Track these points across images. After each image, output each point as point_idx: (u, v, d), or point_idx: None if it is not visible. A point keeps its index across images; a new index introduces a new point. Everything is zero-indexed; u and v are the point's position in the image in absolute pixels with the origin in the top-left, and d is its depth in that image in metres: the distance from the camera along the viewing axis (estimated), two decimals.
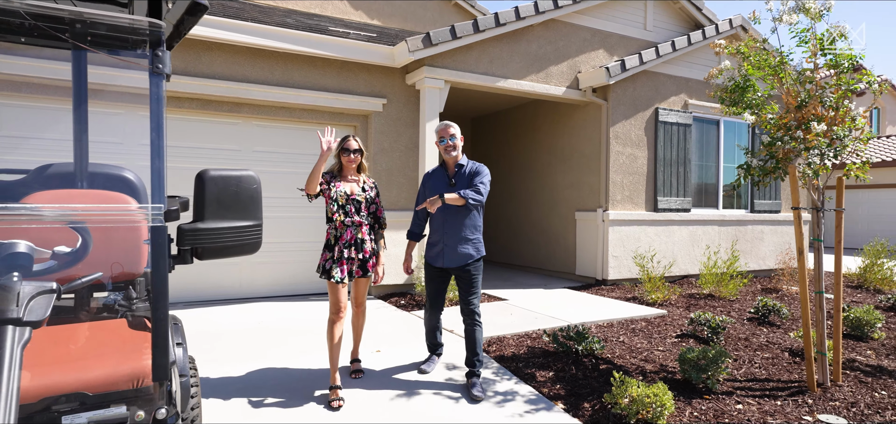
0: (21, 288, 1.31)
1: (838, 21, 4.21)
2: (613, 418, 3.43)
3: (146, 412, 1.40)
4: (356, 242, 3.60)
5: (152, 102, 1.10)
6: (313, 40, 6.27)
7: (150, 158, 1.10)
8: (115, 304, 2.09)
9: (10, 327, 1.26)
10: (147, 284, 2.24)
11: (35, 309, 1.31)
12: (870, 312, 5.58)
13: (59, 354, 1.74)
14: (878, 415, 3.64)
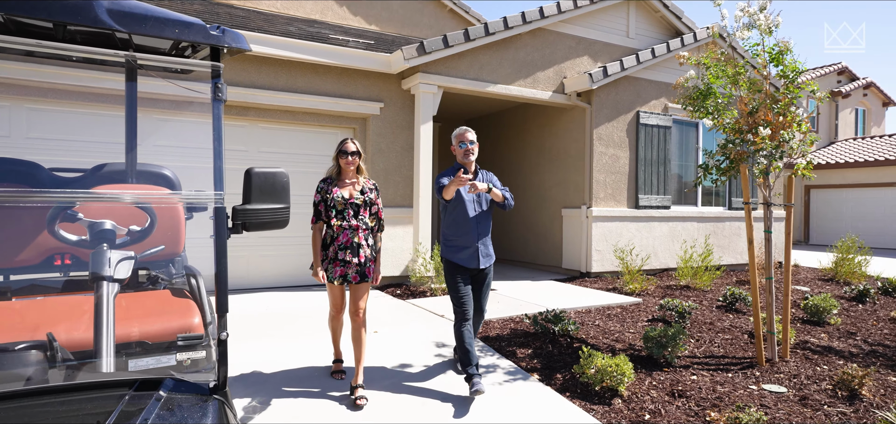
0: (110, 255, 1.79)
1: (785, 36, 4.71)
2: (581, 386, 3.92)
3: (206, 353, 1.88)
4: (352, 245, 3.50)
5: (214, 119, 1.58)
6: (315, 49, 6.75)
7: (213, 159, 1.57)
8: (159, 278, 2.58)
9: (104, 282, 1.74)
10: (183, 262, 2.72)
11: (121, 270, 1.80)
12: (827, 299, 6.09)
13: (121, 314, 2.22)
14: (814, 385, 4.15)
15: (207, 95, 1.64)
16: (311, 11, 10.85)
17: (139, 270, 2.66)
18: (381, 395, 3.63)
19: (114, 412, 1.32)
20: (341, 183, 3.59)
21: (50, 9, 1.35)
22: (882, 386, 4.16)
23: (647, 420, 3.52)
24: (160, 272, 2.62)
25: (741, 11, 4.71)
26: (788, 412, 3.68)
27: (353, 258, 3.50)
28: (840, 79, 21.33)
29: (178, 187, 2.83)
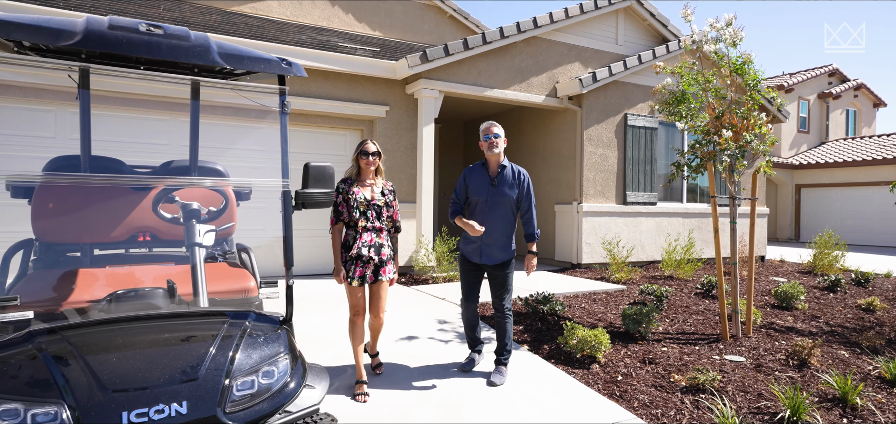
0: (198, 227, 2.39)
1: (748, 50, 5.30)
2: (564, 354, 4.52)
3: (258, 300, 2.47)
4: (375, 245, 3.53)
5: (282, 127, 2.17)
6: (326, 57, 7.35)
7: (281, 156, 2.16)
8: (216, 253, 3.18)
9: (196, 248, 2.34)
10: (235, 241, 3.32)
11: (206, 240, 2.40)
12: (794, 287, 6.68)
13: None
14: (770, 356, 4.74)
15: (276, 107, 2.24)
16: (319, 19, 11.43)
17: None
18: (393, 361, 4.23)
19: (221, 329, 1.92)
20: (361, 184, 3.56)
21: (185, 52, 1.93)
22: (831, 358, 4.75)
23: (620, 380, 4.12)
24: (216, 249, 3.21)
25: (710, 26, 5.32)
26: (743, 376, 4.27)
27: (376, 257, 3.52)
28: (831, 80, 21.91)
29: (227, 175, 3.43)
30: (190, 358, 1.81)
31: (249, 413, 1.82)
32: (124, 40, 1.84)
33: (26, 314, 1.92)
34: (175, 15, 7.90)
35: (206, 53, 1.96)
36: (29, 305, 2.03)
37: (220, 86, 2.75)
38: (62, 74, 2.64)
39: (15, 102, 6.08)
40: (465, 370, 4.05)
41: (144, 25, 1.90)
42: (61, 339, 1.79)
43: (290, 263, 2.18)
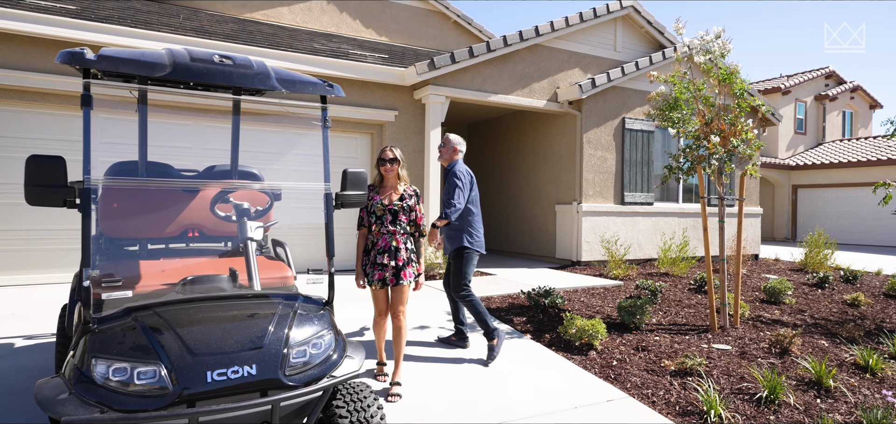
0: (249, 223, 2.78)
1: (739, 58, 5.68)
2: (564, 342, 4.91)
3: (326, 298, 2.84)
4: (390, 249, 3.64)
5: (324, 138, 2.56)
6: (339, 65, 7.74)
7: (323, 162, 2.55)
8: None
9: (250, 241, 2.74)
10: (270, 238, 3.71)
11: (256, 234, 2.79)
12: (782, 283, 7.07)
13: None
14: (755, 345, 5.13)
15: (318, 122, 2.64)
16: (327, 25, 11.83)
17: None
18: (411, 346, 4.62)
19: (277, 308, 2.32)
20: (382, 190, 3.72)
21: (250, 79, 2.32)
22: (812, 347, 5.14)
23: (615, 365, 4.51)
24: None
25: (700, 40, 5.71)
26: (728, 362, 4.66)
27: (390, 261, 3.62)
28: (828, 82, 22.28)
29: (262, 178, 3.83)
30: (255, 331, 2.20)
31: (303, 376, 2.22)
32: (204, 70, 2.22)
33: (126, 293, 2.30)
34: (194, 24, 8.29)
35: (267, 79, 2.35)
36: (123, 286, 2.42)
37: (268, 102, 3.14)
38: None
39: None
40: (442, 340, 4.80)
41: (217, 57, 2.28)
42: (153, 314, 2.18)
43: (331, 253, 2.57)
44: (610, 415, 3.62)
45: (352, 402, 2.39)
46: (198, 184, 3.17)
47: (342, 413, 2.35)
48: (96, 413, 1.88)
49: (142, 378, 1.99)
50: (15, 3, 6.45)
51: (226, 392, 2.04)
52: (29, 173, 2.07)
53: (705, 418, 3.64)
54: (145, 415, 1.90)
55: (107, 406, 1.91)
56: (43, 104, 6.54)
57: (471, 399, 3.72)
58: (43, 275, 6.66)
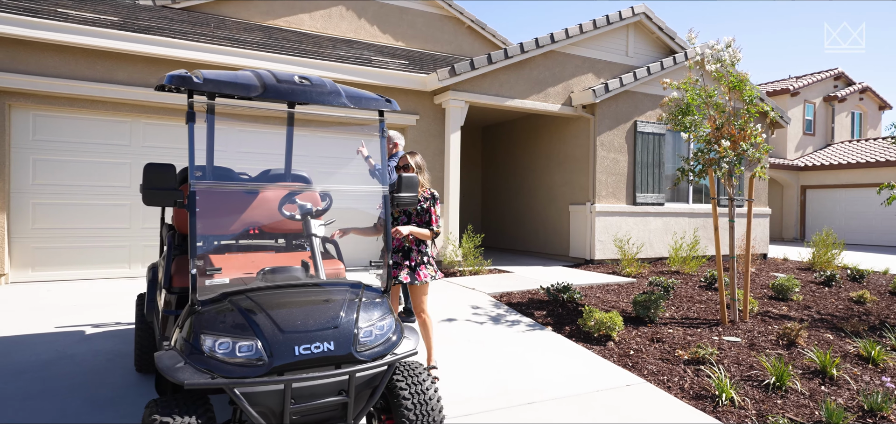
0: (312, 222, 3.15)
1: (748, 60, 5.99)
2: (583, 333, 5.26)
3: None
4: (403, 249, 3.86)
5: (381, 146, 2.93)
6: (365, 72, 8.12)
7: (381, 167, 2.91)
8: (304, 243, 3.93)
9: (313, 237, 3.10)
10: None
11: (319, 231, 3.16)
12: (790, 280, 7.36)
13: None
14: (763, 337, 5.44)
15: (376, 131, 3.01)
16: (346, 31, 12.22)
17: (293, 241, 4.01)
18: (443, 335, 4.98)
19: (346, 295, 2.68)
20: None
21: (325, 97, 2.69)
22: (817, 340, 5.45)
23: (632, 354, 4.85)
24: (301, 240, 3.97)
25: (711, 49, 6.03)
26: (738, 353, 4.98)
27: (404, 261, 3.84)
28: (837, 84, 22.43)
29: (311, 182, 4.20)
30: (330, 313, 2.55)
31: (370, 353, 2.57)
32: (288, 90, 2.58)
33: (224, 280, 2.66)
34: (224, 32, 8.69)
35: (338, 96, 2.72)
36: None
37: (324, 113, 3.52)
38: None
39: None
40: None
41: (298, 78, 2.65)
42: (246, 298, 2.54)
43: (388, 248, 2.93)
44: (629, 398, 3.96)
45: (410, 378, 2.75)
46: (278, 187, 3.54)
47: (401, 386, 2.71)
48: (208, 379, 2.25)
49: (242, 350, 2.35)
50: (64, 17, 6.87)
51: (309, 365, 2.40)
52: (146, 178, 2.44)
53: (717, 401, 3.97)
54: (249, 381, 2.26)
55: (215, 374, 2.28)
56: (91, 110, 6.96)
57: (501, 381, 4.08)
58: (92, 270, 7.08)
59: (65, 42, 6.51)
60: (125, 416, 3.26)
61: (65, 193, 6.90)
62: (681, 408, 3.83)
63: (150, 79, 7.09)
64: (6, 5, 6.56)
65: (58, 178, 6.87)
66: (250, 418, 2.26)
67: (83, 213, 7.00)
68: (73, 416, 3.22)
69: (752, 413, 3.84)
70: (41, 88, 6.52)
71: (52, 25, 6.42)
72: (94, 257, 7.07)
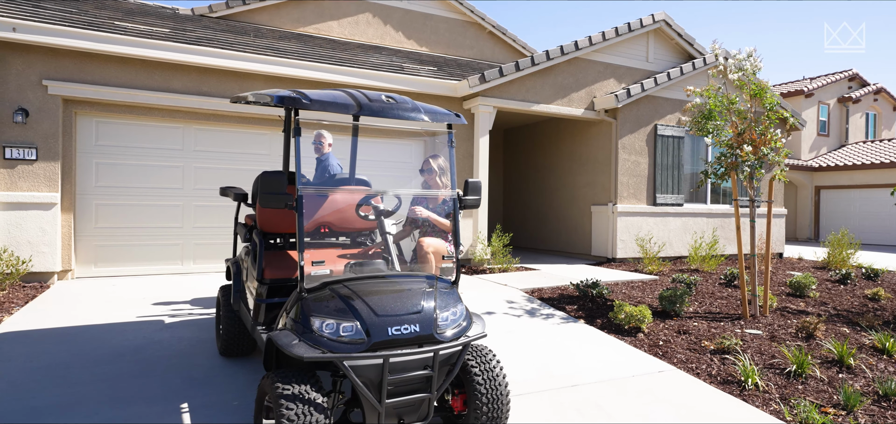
0: (386, 222, 3.58)
1: (766, 78, 6.35)
2: (614, 326, 5.65)
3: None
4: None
5: (450, 155, 3.35)
6: (399, 78, 8.56)
7: (451, 174, 3.34)
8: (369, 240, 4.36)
9: (387, 235, 3.54)
10: None
11: (392, 230, 3.59)
12: (807, 278, 7.69)
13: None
14: (783, 330, 5.81)
15: (446, 141, 3.43)
16: (372, 37, 12.65)
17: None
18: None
19: (423, 284, 3.10)
20: None
21: (407, 112, 3.11)
22: (834, 333, 5.80)
23: (661, 344, 5.24)
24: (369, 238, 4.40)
25: (732, 59, 6.40)
26: (760, 344, 5.35)
27: None
28: (851, 85, 22.55)
29: (371, 186, 4.64)
30: (414, 300, 2.97)
31: (448, 335, 2.99)
32: (379, 109, 3.01)
33: (325, 271, 3.09)
34: (263, 42, 9.16)
35: (418, 112, 3.14)
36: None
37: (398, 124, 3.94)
38: None
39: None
40: None
41: (385, 97, 3.07)
42: (343, 286, 2.96)
43: (457, 243, 3.35)
44: (663, 382, 4.35)
45: (480, 357, 3.16)
46: (367, 192, 3.95)
47: (472, 365, 3.13)
48: (319, 353, 2.68)
49: (345, 330, 2.78)
50: (124, 31, 7.37)
51: (399, 344, 2.83)
52: (263, 184, 2.87)
53: (743, 386, 4.36)
54: (354, 356, 2.69)
55: (324, 350, 2.70)
56: (148, 117, 7.46)
57: (545, 367, 4.49)
58: (148, 266, 7.58)
59: (127, 54, 7.00)
60: (221, 392, 3.71)
61: (123, 194, 7.41)
62: (710, 392, 4.22)
63: (202, 87, 7.58)
64: (73, 22, 7.06)
65: (117, 180, 7.37)
66: (356, 387, 2.69)
67: (140, 213, 7.49)
68: (176, 391, 3.68)
69: (776, 396, 4.21)
70: (104, 96, 7.02)
71: (117, 39, 6.91)
72: (150, 254, 7.57)
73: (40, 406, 3.37)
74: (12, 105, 6.58)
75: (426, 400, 2.90)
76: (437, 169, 4.35)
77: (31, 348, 4.34)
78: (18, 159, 6.59)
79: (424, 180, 4.44)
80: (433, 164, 4.38)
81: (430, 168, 4.36)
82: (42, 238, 6.65)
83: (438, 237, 4.18)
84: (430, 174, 4.34)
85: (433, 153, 4.61)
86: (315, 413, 2.59)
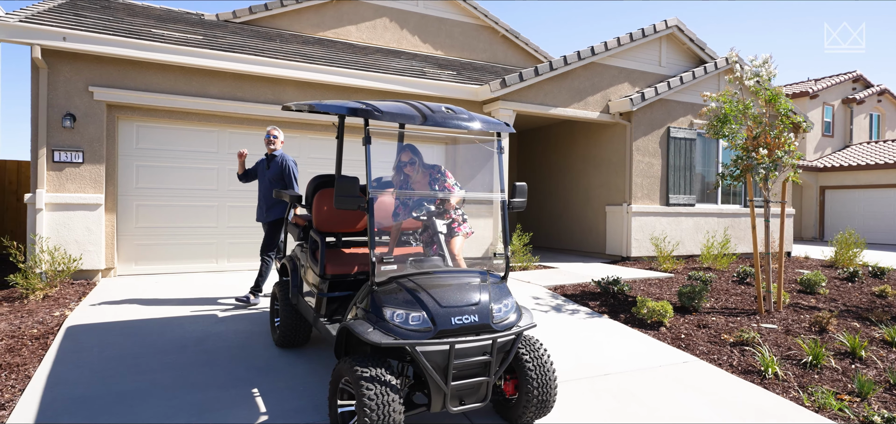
0: (438, 222, 3.89)
1: (780, 84, 6.65)
2: (637, 320, 5.96)
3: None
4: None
5: (499, 162, 3.65)
6: (421, 83, 8.86)
7: (499, 178, 3.63)
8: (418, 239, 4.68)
9: (440, 234, 3.84)
10: None
11: (443, 229, 3.90)
12: (817, 275, 7.99)
13: None
14: (797, 325, 6.11)
15: (494, 148, 3.74)
16: (390, 41, 12.96)
17: None
18: None
19: (477, 279, 3.41)
20: None
21: (464, 122, 3.42)
22: (845, 327, 6.10)
23: (683, 338, 5.55)
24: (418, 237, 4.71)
25: (748, 66, 6.70)
26: (776, 337, 5.66)
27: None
28: (855, 86, 22.82)
29: None
30: (471, 293, 3.28)
31: (502, 325, 3.29)
32: (441, 119, 3.32)
33: (393, 266, 3.40)
34: (290, 47, 9.48)
35: (473, 121, 3.46)
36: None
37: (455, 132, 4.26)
38: None
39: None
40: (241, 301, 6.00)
41: (445, 108, 3.39)
42: (408, 280, 3.27)
43: (506, 242, 3.66)
44: (688, 371, 4.66)
45: (530, 347, 3.47)
46: (423, 195, 4.24)
47: (523, 352, 3.44)
48: (392, 340, 2.99)
49: (414, 320, 3.09)
50: (162, 38, 7.69)
51: (460, 332, 3.13)
52: (339, 187, 3.18)
53: (763, 375, 4.66)
54: (423, 342, 2.99)
55: (396, 337, 3.01)
56: (185, 121, 7.78)
57: (577, 357, 4.80)
58: (185, 265, 7.90)
59: (167, 61, 7.32)
60: (285, 379, 4.03)
61: (162, 195, 7.73)
62: (733, 380, 4.53)
63: (237, 92, 7.90)
64: (114, 30, 7.38)
65: (156, 182, 7.70)
66: (425, 370, 3.00)
67: (177, 213, 7.82)
68: (243, 378, 4.00)
69: (795, 385, 4.52)
70: (145, 101, 7.35)
71: (158, 47, 7.23)
72: (187, 253, 7.90)
73: (124, 391, 3.69)
74: (61, 111, 6.91)
75: (485, 383, 3.21)
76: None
77: (100, 339, 4.66)
78: (66, 162, 6.92)
79: (405, 177, 4.39)
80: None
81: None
82: (88, 237, 6.98)
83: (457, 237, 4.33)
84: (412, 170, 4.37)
85: (407, 150, 4.54)
86: (390, 392, 2.89)
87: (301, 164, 8.59)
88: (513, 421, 3.48)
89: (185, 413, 3.40)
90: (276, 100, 8.09)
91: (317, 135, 8.68)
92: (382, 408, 2.83)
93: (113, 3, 10.21)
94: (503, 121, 9.26)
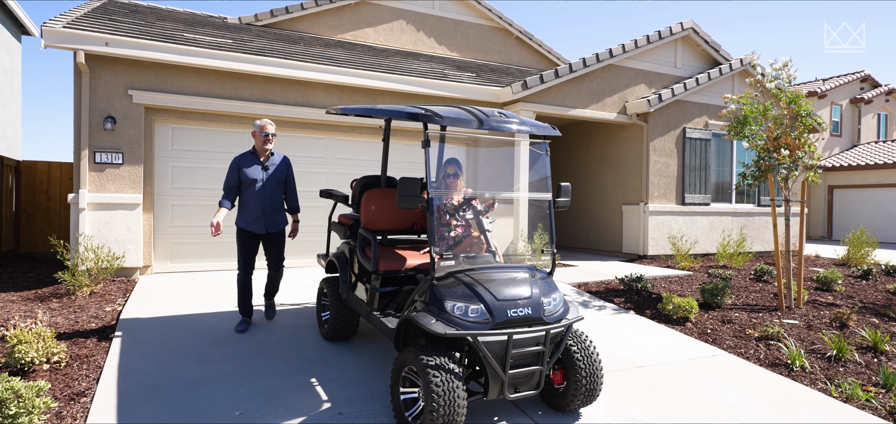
0: (484, 221, 4.10)
1: (800, 85, 6.84)
2: (663, 316, 6.16)
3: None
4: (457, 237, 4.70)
5: (546, 163, 3.87)
6: (442, 85, 9.07)
7: (547, 180, 3.85)
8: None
9: (486, 233, 4.06)
10: None
11: (490, 227, 4.11)
12: (833, 273, 8.17)
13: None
14: (817, 320, 6.30)
15: (543, 151, 3.95)
16: (406, 43, 13.16)
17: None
18: None
19: (527, 273, 3.62)
20: (453, 194, 4.51)
21: (512, 128, 3.63)
22: (865, 322, 6.28)
23: (709, 332, 5.75)
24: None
25: (769, 68, 6.89)
26: (798, 332, 5.85)
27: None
28: (863, 86, 22.93)
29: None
30: (524, 287, 3.49)
31: (552, 317, 3.50)
32: (495, 124, 3.53)
33: (451, 262, 3.61)
34: (315, 50, 9.70)
35: (523, 124, 3.67)
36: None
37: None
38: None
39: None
40: (239, 330, 4.98)
41: (498, 113, 3.60)
42: (465, 275, 3.48)
43: (553, 240, 3.87)
44: (718, 364, 4.86)
45: (577, 339, 3.68)
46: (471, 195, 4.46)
47: (571, 343, 3.65)
48: (454, 330, 3.20)
49: (473, 312, 3.30)
50: (195, 43, 7.91)
51: (515, 323, 3.34)
52: (401, 187, 3.39)
53: (790, 368, 4.86)
54: (483, 333, 3.20)
55: (457, 328, 3.22)
56: (218, 123, 8.01)
57: (609, 350, 5.00)
58: (217, 263, 8.13)
59: (202, 65, 7.55)
60: (339, 369, 4.25)
61: (196, 195, 7.96)
62: (762, 372, 4.73)
63: (268, 95, 8.12)
64: (150, 35, 7.61)
65: (190, 182, 7.93)
66: (485, 359, 3.21)
67: (210, 212, 8.01)
68: (299, 369, 4.22)
69: (821, 377, 4.72)
70: (181, 104, 7.58)
71: (194, 51, 7.46)
72: (219, 252, 8.12)
73: (192, 379, 3.91)
74: (102, 113, 7.14)
75: (538, 372, 3.42)
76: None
77: (158, 332, 4.89)
78: (107, 163, 7.15)
79: (447, 186, 4.45)
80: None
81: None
82: (127, 236, 7.21)
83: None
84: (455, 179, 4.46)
85: (452, 163, 4.60)
86: (454, 379, 3.11)
87: (328, 163, 8.82)
88: (561, 409, 3.69)
89: (254, 400, 3.62)
90: (306, 102, 8.31)
91: (343, 136, 8.90)
92: (448, 394, 3.03)
93: (140, 7, 10.44)
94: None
